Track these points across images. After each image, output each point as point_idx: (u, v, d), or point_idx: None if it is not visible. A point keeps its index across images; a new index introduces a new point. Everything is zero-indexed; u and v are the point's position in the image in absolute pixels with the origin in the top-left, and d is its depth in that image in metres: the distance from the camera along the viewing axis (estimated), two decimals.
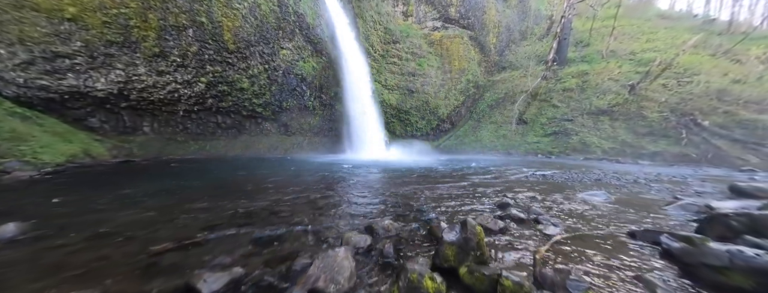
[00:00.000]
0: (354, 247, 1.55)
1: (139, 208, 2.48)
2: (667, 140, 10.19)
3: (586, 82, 15.05)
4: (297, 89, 12.08)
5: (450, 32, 18.30)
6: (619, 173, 6.10)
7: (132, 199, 2.89)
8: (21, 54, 6.07)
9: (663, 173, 6.33)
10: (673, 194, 3.85)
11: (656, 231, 1.84)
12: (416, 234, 1.89)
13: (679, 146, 9.72)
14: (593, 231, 2.06)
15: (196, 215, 2.26)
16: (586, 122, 13.13)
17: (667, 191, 4.12)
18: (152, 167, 6.50)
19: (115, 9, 6.89)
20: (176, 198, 2.98)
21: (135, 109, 8.40)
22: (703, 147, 9.27)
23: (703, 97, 10.84)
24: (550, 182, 4.81)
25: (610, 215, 2.57)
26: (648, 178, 5.53)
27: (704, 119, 9.98)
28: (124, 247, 1.56)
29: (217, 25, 8.84)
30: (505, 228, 2.04)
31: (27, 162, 5.04)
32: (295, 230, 1.96)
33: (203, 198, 2.95)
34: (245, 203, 2.74)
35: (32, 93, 6.47)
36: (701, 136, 9.61)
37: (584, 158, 11.71)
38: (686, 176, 5.98)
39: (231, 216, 2.27)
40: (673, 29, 18.45)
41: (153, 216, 2.24)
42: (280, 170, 6.09)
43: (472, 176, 5.26)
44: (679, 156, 9.40)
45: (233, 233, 1.85)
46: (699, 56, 13.78)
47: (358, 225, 2.08)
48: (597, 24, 19.45)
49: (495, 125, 16.89)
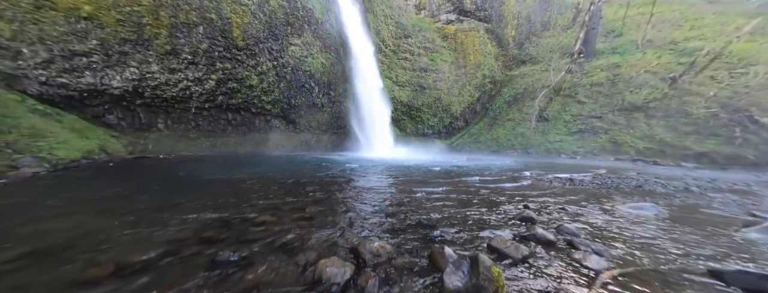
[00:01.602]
0: (328, 282, 1.20)
1: (113, 213, 2.28)
2: (716, 139, 8.97)
3: (618, 75, 13.72)
4: (306, 86, 11.93)
5: (465, 25, 17.42)
6: (662, 178, 5.30)
7: (116, 201, 2.72)
8: (42, 53, 6.28)
9: (718, 179, 5.43)
10: (746, 209, 3.15)
11: (757, 274, 1.32)
12: (414, 263, 1.49)
13: (731, 147, 8.51)
14: (655, 266, 1.55)
15: (165, 225, 2.01)
16: (618, 119, 11.96)
17: (736, 204, 3.39)
18: (162, 163, 6.55)
19: (128, 7, 6.97)
20: (159, 200, 2.79)
21: (149, 106, 8.57)
22: (764, 148, 8.04)
23: (763, 90, 9.43)
24: (580, 188, 4.20)
25: (671, 240, 2.02)
26: (701, 185, 4.72)
27: (763, 116, 8.66)
28: (54, 271, 1.30)
29: (227, 21, 8.80)
30: (530, 256, 1.60)
31: (42, 158, 5.16)
32: (268, 251, 1.63)
33: (187, 202, 2.73)
34: (229, 209, 2.47)
35: (53, 91, 6.72)
36: (760, 135, 8.34)
37: (615, 158, 10.66)
38: (749, 183, 5.07)
39: (204, 227, 2.00)
40: (724, 14, 16.38)
41: (119, 225, 2.01)
42: (282, 169, 5.89)
43: (487, 179, 4.75)
44: (732, 158, 8.22)
45: (194, 252, 1.55)
46: (756, 44, 12.05)
47: (345, 243, 1.72)
48: (631, 11, 17.72)
49: (512, 122, 15.93)
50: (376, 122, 14.24)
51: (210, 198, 2.90)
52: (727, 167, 7.68)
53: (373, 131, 14.05)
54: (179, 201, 2.74)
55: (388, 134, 14.79)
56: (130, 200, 2.78)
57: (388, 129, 14.85)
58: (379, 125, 14.30)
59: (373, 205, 2.78)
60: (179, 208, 2.49)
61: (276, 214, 2.39)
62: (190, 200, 2.77)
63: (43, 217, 2.14)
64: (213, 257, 1.48)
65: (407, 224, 2.18)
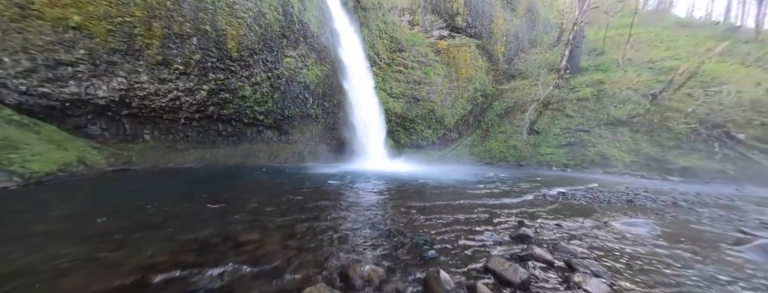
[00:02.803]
0: None
1: (80, 234, 2.10)
2: (698, 154, 9.32)
3: (602, 91, 14.33)
4: (300, 97, 11.92)
5: (457, 41, 18.08)
6: (651, 192, 5.39)
7: (86, 220, 2.52)
8: (24, 62, 6.08)
9: (703, 193, 5.57)
10: (734, 225, 3.19)
11: None
12: (408, 290, 1.39)
13: (712, 161, 8.84)
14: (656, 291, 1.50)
15: (138, 248, 1.84)
16: (604, 133, 12.34)
17: (724, 220, 3.44)
18: (144, 176, 6.27)
19: (120, 17, 6.92)
20: (133, 218, 2.60)
21: (136, 116, 8.32)
22: (741, 163, 8.38)
23: (736, 108, 9.98)
24: (573, 202, 4.20)
25: (667, 260, 1.99)
26: (688, 199, 4.81)
27: (739, 132, 9.11)
28: None
29: (222, 33, 8.83)
30: (529, 280, 1.53)
31: (12, 172, 4.85)
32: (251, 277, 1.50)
33: (165, 219, 2.55)
34: (211, 228, 2.32)
35: (33, 101, 6.44)
36: (736, 150, 8.72)
37: (603, 171, 10.87)
38: (732, 198, 5.21)
39: (182, 249, 1.84)
40: (695, 37, 17.63)
41: (84, 248, 1.83)
42: (272, 182, 5.71)
43: (482, 193, 4.70)
44: (714, 172, 8.52)
45: (168, 279, 1.41)
46: (726, 65, 12.93)
47: (334, 267, 1.61)
48: (611, 32, 18.86)
49: (504, 134, 16.23)
50: (370, 134, 14.24)
51: (191, 215, 2.73)
52: (710, 181, 7.94)
53: (368, 143, 14.01)
54: (156, 219, 2.56)
55: (382, 145, 14.76)
56: (91, 220, 2.57)
57: (382, 140, 14.84)
58: (373, 136, 14.30)
59: (365, 222, 2.67)
60: (155, 227, 2.32)
61: (262, 233, 2.25)
62: (169, 218, 2.59)
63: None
64: (188, 287, 1.34)
65: (400, 243, 2.08)
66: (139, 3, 7.15)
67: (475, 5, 17.51)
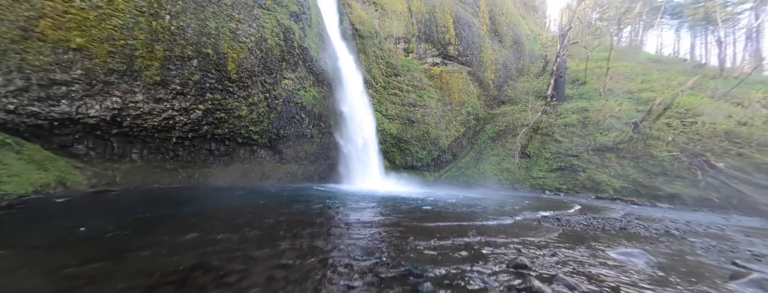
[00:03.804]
0: None
1: (44, 266, 1.92)
2: (683, 181, 9.61)
3: (587, 118, 15.04)
4: (296, 117, 12.03)
5: (449, 68, 19.09)
6: (643, 219, 5.43)
7: (52, 248, 2.32)
8: (17, 81, 6.04)
9: (693, 221, 5.64)
10: (727, 256, 3.19)
11: None
12: None
13: (697, 189, 9.09)
14: None
15: (107, 283, 1.69)
16: (593, 158, 12.70)
17: (716, 251, 3.45)
18: (125, 199, 5.98)
19: (123, 40, 7.11)
20: (105, 247, 2.41)
21: (126, 135, 8.16)
22: (725, 191, 8.64)
23: (712, 138, 10.57)
24: (568, 229, 4.17)
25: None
26: (680, 228, 4.85)
27: (718, 161, 9.53)
28: None
29: (222, 56, 9.10)
30: None
31: None
32: None
33: (141, 248, 2.38)
34: (192, 258, 2.16)
35: (20, 120, 6.29)
36: (718, 179, 9.05)
37: (595, 197, 10.98)
38: (722, 227, 5.27)
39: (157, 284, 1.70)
40: (666, 72, 19.17)
41: (45, 283, 1.67)
42: (262, 204, 5.51)
43: (477, 217, 4.64)
44: (700, 200, 8.72)
45: None
46: (698, 98, 13.95)
47: None
48: (591, 64, 20.35)
49: (497, 157, 16.47)
50: (365, 154, 14.25)
51: (171, 242, 2.56)
52: (697, 209, 8.09)
53: (362, 163, 13.96)
54: (130, 247, 2.39)
55: (376, 166, 14.70)
56: (69, 248, 2.39)
57: (376, 161, 14.81)
58: (368, 156, 14.29)
59: (358, 249, 2.55)
60: (129, 257, 2.15)
61: (247, 262, 2.12)
62: (145, 247, 2.42)
63: None
64: None
65: (394, 273, 1.98)
66: (144, 28, 7.42)
67: (466, 36, 18.81)
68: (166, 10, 7.77)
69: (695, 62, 23.99)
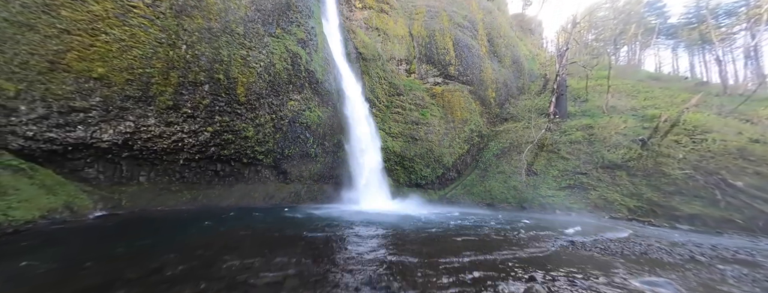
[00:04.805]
0: None
1: None
2: (701, 201, 9.23)
3: (593, 135, 14.92)
4: (301, 137, 12.20)
5: (451, 87, 19.50)
6: (664, 243, 5.13)
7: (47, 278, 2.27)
8: (39, 109, 6.33)
9: (718, 245, 5.30)
10: (762, 287, 2.95)
11: None
12: None
13: (718, 209, 8.69)
14: None
15: None
16: (602, 176, 12.40)
17: (749, 280, 3.19)
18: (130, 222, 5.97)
19: (141, 69, 7.50)
20: (101, 276, 2.35)
21: (136, 158, 8.32)
22: (748, 212, 8.25)
23: (725, 155, 10.31)
24: (584, 253, 3.96)
25: None
26: (705, 253, 4.56)
27: (736, 180, 9.20)
28: None
29: (233, 80, 9.49)
30: None
31: None
32: None
33: (139, 276, 2.32)
34: (189, 287, 2.08)
35: (36, 146, 6.50)
36: (739, 199, 8.67)
37: (609, 216, 10.55)
38: (751, 252, 4.94)
39: None
40: (668, 89, 19.27)
41: None
42: (265, 226, 5.41)
43: (487, 239, 4.47)
44: (723, 221, 8.30)
45: None
46: (704, 115, 13.84)
47: None
48: (591, 83, 20.60)
49: (503, 175, 16.20)
50: (368, 173, 14.20)
51: (169, 269, 2.49)
52: (722, 232, 7.66)
53: (366, 182, 13.86)
54: (127, 276, 2.32)
55: (380, 184, 14.57)
56: (63, 277, 2.33)
57: (380, 180, 14.71)
58: (371, 175, 14.22)
59: (363, 277, 2.44)
60: (124, 286, 2.08)
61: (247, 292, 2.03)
62: (144, 275, 2.35)
63: None
64: None
65: None
66: (161, 57, 7.85)
67: (465, 57, 19.40)
68: (183, 40, 8.26)
69: (697, 80, 24.15)
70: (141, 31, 7.39)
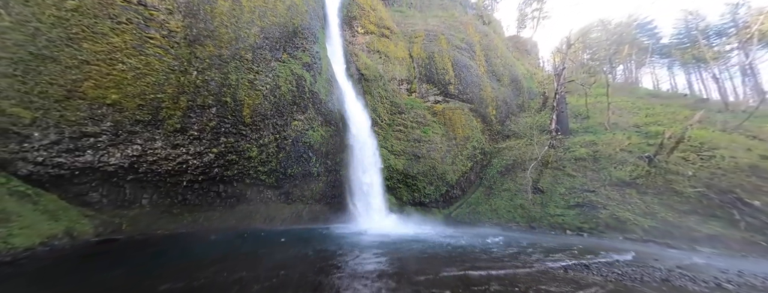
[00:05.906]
0: None
1: None
2: (719, 221, 8.83)
3: (598, 152, 14.78)
4: (303, 156, 12.25)
5: (451, 104, 19.83)
6: (685, 269, 4.81)
7: None
8: (52, 136, 6.52)
9: (745, 271, 4.95)
10: None
11: None
12: None
13: (738, 231, 8.29)
14: None
15: None
16: (612, 194, 12.06)
17: None
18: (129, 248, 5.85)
19: (152, 95, 7.80)
20: None
21: (140, 181, 8.35)
22: None
23: (737, 172, 10.04)
24: (599, 279, 3.70)
25: None
26: (733, 280, 4.25)
27: (752, 199, 8.87)
28: None
29: (239, 103, 9.77)
30: None
31: None
32: None
33: None
34: None
35: (44, 171, 6.58)
36: (760, 219, 8.30)
37: (623, 237, 10.07)
38: None
39: None
40: (669, 106, 19.38)
41: None
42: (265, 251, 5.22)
43: (496, 264, 4.23)
44: (745, 243, 7.87)
45: None
46: (709, 131, 13.74)
47: None
48: (590, 100, 20.85)
49: (509, 192, 15.84)
50: (371, 191, 14.03)
51: None
52: (745, 254, 7.23)
53: (369, 201, 13.65)
54: None
55: (383, 204, 14.31)
56: None
57: (382, 199, 14.47)
58: (374, 194, 14.04)
59: None
60: None
61: None
62: None
63: None
64: None
65: None
66: (173, 83, 8.20)
67: (465, 77, 19.95)
68: (195, 67, 8.67)
69: (696, 97, 24.35)
70: (155, 60, 7.80)
